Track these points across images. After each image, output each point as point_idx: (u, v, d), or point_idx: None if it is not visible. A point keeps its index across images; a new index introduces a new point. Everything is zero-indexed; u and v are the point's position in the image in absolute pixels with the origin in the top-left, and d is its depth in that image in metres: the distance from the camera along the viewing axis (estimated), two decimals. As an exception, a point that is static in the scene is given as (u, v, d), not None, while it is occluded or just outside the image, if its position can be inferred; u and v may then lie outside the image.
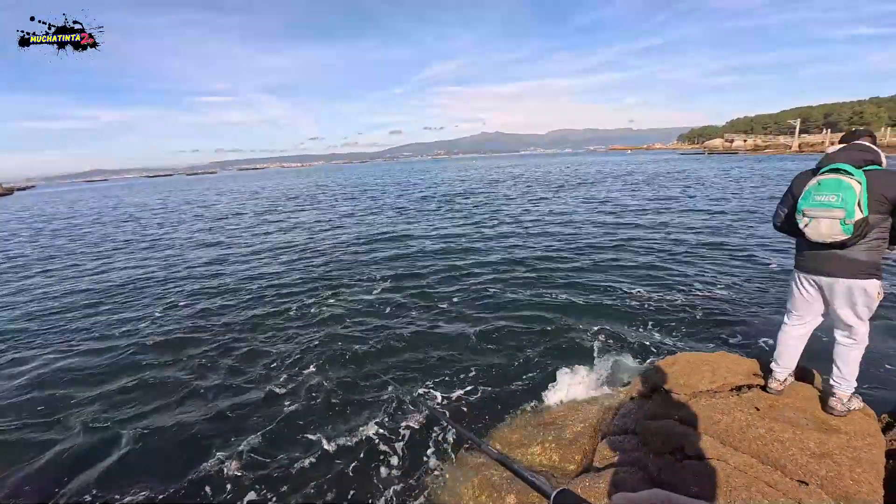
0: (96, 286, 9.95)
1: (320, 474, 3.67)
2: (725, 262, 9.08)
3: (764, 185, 24.04)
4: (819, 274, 2.56)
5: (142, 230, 19.30)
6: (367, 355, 5.75)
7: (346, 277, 9.42)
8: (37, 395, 5.21)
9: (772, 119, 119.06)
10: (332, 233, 15.50)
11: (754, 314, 6.33)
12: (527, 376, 4.95)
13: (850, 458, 2.27)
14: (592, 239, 11.95)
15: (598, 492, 2.45)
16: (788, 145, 71.24)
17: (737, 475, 2.23)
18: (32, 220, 27.47)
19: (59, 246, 16.41)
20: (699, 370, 3.24)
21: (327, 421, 4.41)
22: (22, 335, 7.20)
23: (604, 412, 3.57)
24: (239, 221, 20.44)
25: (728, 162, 51.80)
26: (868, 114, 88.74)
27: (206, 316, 7.52)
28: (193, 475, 3.72)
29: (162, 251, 13.87)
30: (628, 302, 7.01)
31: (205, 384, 5.22)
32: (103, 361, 5.99)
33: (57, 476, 3.83)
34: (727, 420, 2.65)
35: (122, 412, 4.76)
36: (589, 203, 19.65)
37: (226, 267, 11.18)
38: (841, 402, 2.63)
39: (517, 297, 7.50)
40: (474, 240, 12.73)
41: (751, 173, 32.57)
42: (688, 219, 14.41)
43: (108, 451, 4.13)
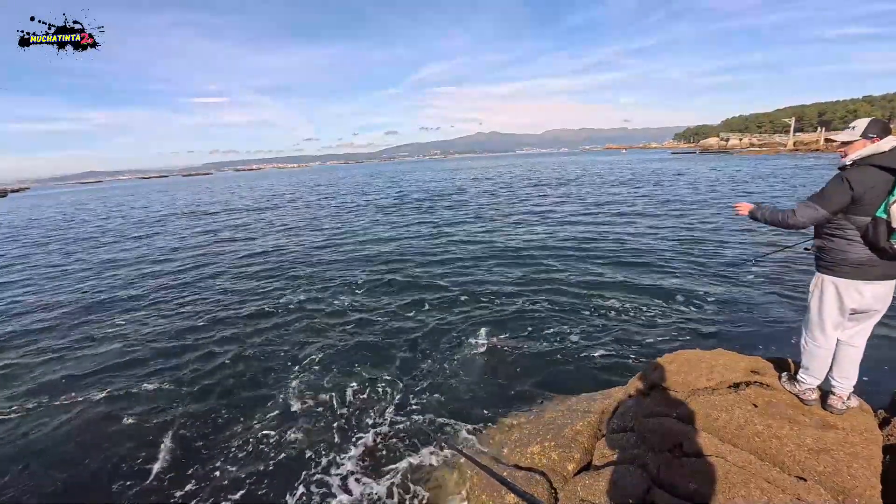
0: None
1: (320, 476, 3.67)
2: (720, 259, 9.13)
3: (738, 183, 24.13)
4: (889, 279, 2.40)
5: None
6: (362, 356, 5.75)
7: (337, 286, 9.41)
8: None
9: (767, 118, 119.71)
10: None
11: (751, 311, 6.37)
12: (525, 375, 4.96)
13: (847, 454, 2.29)
14: (588, 237, 11.99)
15: (598, 490, 2.45)
16: (783, 144, 71.65)
17: (735, 472, 2.24)
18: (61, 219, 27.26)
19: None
20: (697, 367, 3.24)
21: (324, 424, 4.41)
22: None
23: (602, 410, 3.57)
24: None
25: (720, 160, 51.98)
26: (862, 112, 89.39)
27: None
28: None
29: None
30: (625, 301, 7.03)
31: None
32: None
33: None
34: (725, 417, 2.65)
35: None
36: (582, 203, 19.70)
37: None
38: (841, 401, 2.64)
39: (514, 295, 7.51)
40: (484, 245, 12.73)
41: (739, 171, 32.76)
42: (679, 218, 14.47)
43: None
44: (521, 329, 6.19)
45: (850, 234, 2.39)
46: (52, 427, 4.59)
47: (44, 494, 3.67)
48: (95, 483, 3.77)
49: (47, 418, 4.75)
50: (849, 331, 2.60)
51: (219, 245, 14.44)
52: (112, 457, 4.06)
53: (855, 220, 2.35)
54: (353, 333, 6.44)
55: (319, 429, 4.31)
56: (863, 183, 2.27)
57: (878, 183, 2.24)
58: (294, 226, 17.84)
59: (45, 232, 21.30)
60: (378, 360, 5.61)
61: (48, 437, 4.42)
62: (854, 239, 2.38)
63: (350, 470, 3.71)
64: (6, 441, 4.40)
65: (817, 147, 59.31)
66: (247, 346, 6.23)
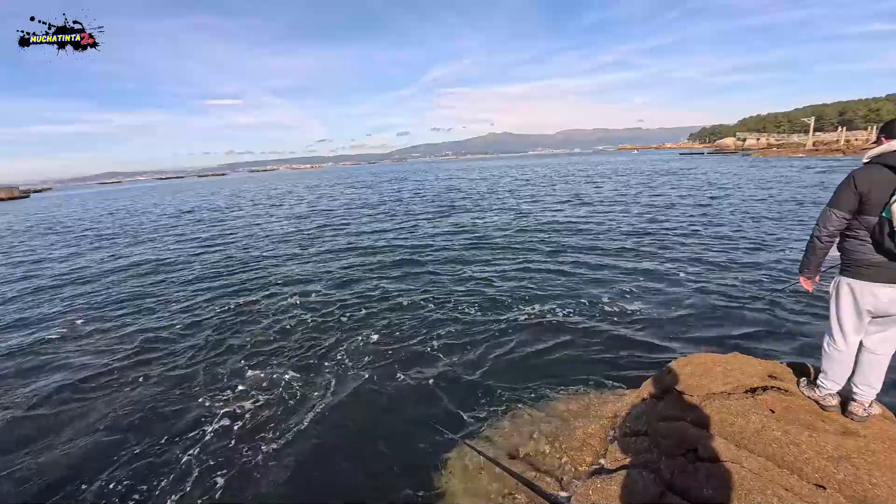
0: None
1: (339, 478, 3.70)
2: (736, 260, 8.97)
3: (760, 187, 23.65)
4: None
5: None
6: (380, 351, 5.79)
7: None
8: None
9: (785, 117, 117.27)
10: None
11: (768, 314, 6.24)
12: (538, 377, 4.93)
13: (869, 462, 2.23)
14: (601, 237, 11.89)
15: (609, 494, 2.43)
16: (802, 144, 70.02)
17: (752, 478, 2.20)
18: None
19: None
20: (712, 371, 3.19)
21: (343, 422, 4.45)
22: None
23: (615, 413, 3.54)
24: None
25: (730, 162, 51.07)
26: (885, 111, 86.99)
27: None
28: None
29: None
30: (638, 303, 6.95)
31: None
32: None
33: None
34: (741, 422, 2.61)
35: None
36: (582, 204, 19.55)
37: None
38: (862, 408, 2.57)
39: (526, 296, 7.49)
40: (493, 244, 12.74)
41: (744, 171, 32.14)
42: (695, 217, 14.26)
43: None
44: (533, 329, 6.16)
45: (861, 235, 2.36)
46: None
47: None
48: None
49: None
50: (873, 336, 2.53)
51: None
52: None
53: (864, 221, 2.33)
54: (372, 324, 6.49)
55: (326, 426, 4.35)
56: (868, 181, 2.25)
57: (885, 182, 2.21)
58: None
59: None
60: (388, 353, 5.65)
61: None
62: (865, 240, 2.35)
63: (356, 469, 3.74)
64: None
65: (837, 147, 57.34)
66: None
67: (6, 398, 5.30)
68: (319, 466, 3.81)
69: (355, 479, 3.64)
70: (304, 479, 3.67)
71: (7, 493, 3.74)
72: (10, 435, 4.58)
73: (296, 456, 3.94)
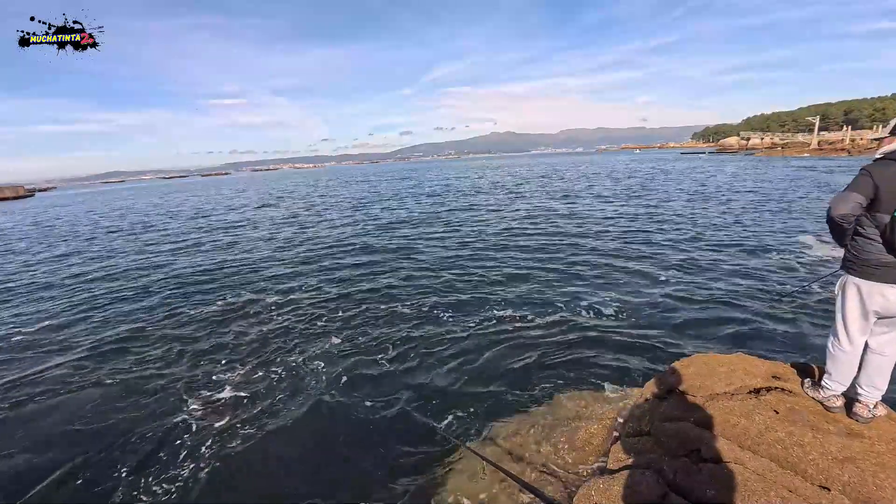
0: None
1: (344, 476, 3.71)
2: (740, 261, 8.92)
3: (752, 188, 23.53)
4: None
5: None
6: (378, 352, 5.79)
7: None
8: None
9: (790, 116, 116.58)
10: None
11: (772, 315, 6.21)
12: (540, 377, 4.93)
13: (874, 464, 2.21)
14: (602, 237, 11.86)
15: (612, 495, 2.42)
16: (807, 143, 69.54)
17: (755, 479, 2.19)
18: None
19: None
20: (716, 372, 3.17)
21: (350, 425, 4.46)
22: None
23: (618, 414, 3.53)
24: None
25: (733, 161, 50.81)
26: (891, 110, 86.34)
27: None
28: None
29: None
30: (640, 304, 6.93)
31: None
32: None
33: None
34: (745, 423, 2.59)
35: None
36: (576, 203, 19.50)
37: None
38: (867, 409, 2.55)
39: (527, 297, 7.48)
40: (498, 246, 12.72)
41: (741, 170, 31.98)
42: (697, 218, 14.20)
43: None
44: (535, 329, 6.15)
45: (870, 233, 2.34)
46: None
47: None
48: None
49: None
50: (878, 338, 2.51)
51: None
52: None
53: (875, 218, 2.30)
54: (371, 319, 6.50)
55: (327, 425, 4.36)
56: (883, 177, 2.25)
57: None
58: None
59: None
60: (389, 350, 5.66)
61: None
62: (874, 238, 2.32)
63: (356, 472, 3.74)
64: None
65: (843, 147, 56.92)
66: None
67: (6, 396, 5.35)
68: (319, 468, 3.82)
69: (356, 481, 3.64)
70: (302, 480, 3.68)
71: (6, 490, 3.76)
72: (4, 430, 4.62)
73: (294, 456, 3.96)
